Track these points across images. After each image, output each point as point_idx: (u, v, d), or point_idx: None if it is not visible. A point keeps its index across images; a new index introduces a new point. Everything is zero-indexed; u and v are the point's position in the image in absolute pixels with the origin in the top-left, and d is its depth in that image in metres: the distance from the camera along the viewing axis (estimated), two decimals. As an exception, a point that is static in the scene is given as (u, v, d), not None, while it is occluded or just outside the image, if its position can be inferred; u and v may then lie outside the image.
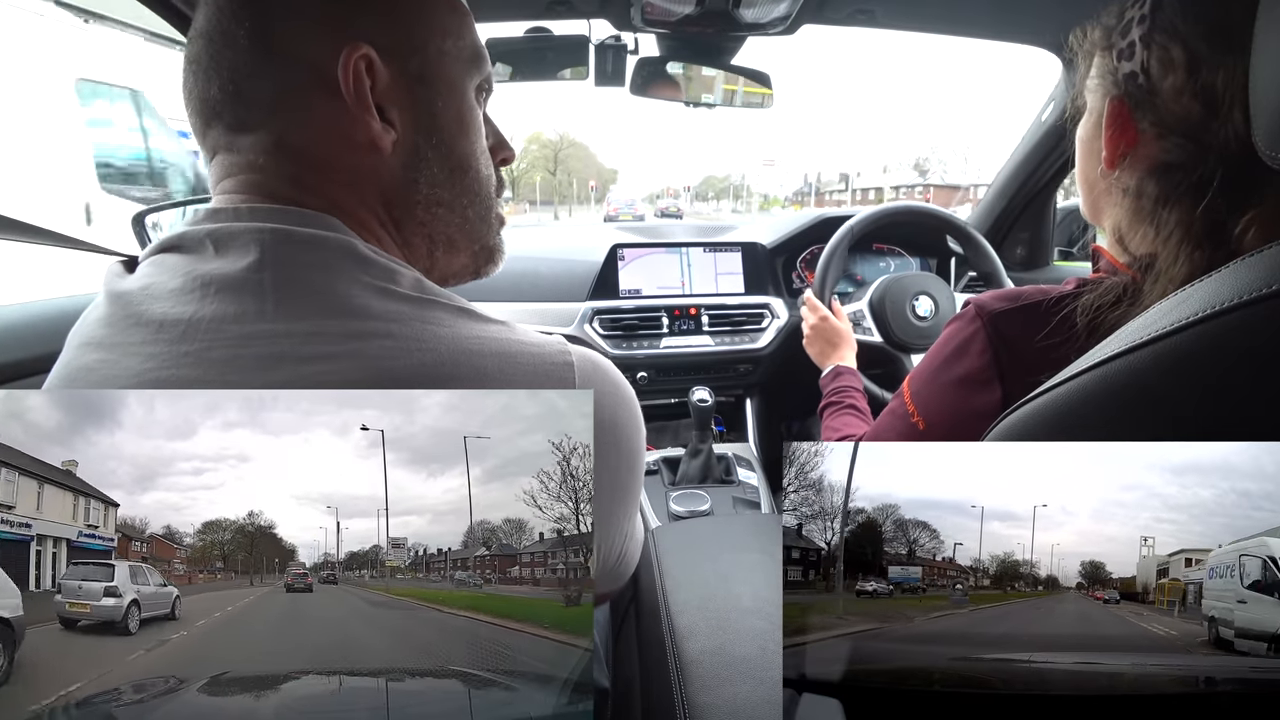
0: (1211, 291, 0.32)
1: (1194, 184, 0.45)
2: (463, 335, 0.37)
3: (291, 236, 0.37)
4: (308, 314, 0.35)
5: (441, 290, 0.39)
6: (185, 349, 0.34)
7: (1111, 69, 0.51)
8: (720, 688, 0.58)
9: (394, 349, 0.35)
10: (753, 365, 1.41)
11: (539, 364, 0.39)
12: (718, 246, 1.49)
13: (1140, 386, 0.33)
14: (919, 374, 0.65)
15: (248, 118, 0.40)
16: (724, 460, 1.24)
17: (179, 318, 0.35)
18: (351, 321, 0.35)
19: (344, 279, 0.36)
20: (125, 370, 0.35)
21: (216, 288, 0.35)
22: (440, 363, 0.36)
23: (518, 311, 1.37)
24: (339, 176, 0.41)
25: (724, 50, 1.27)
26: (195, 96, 0.41)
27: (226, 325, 0.34)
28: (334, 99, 0.39)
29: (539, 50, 1.18)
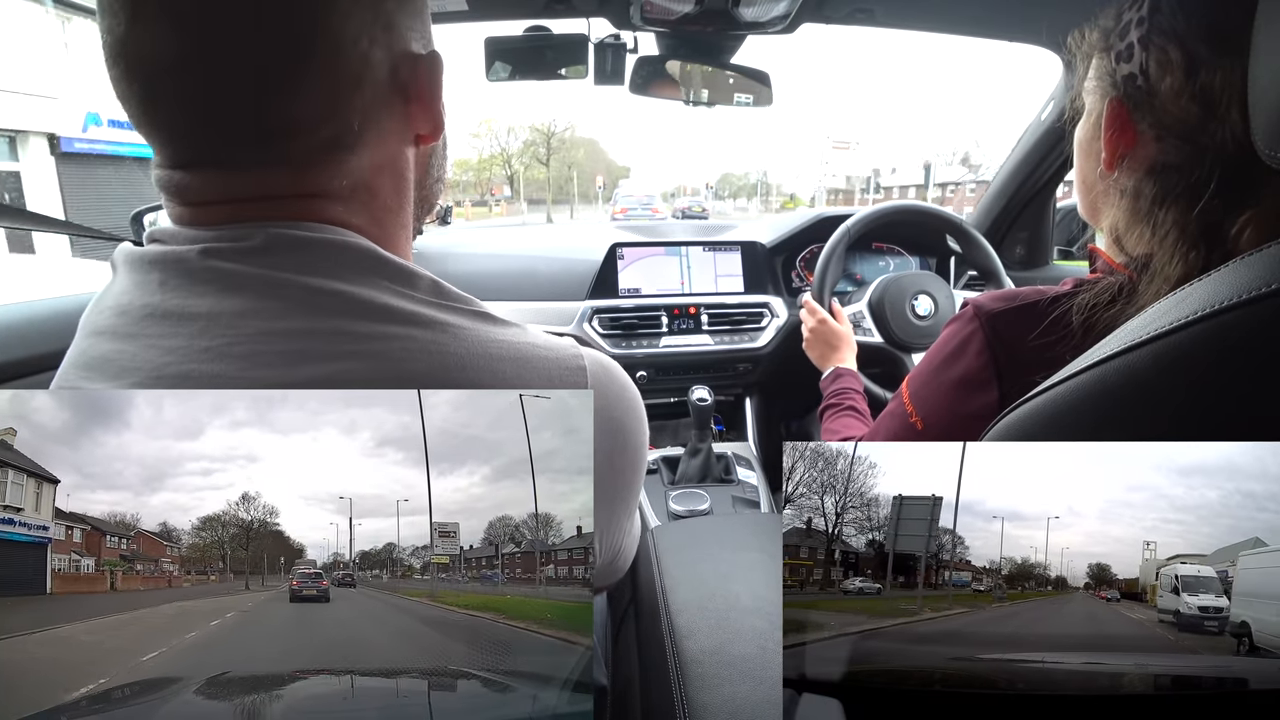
0: (1210, 291, 0.32)
1: (1191, 185, 0.46)
2: (481, 339, 0.37)
3: (306, 240, 0.36)
4: (330, 313, 0.35)
5: (458, 294, 0.40)
6: (206, 344, 0.34)
7: (1110, 70, 0.51)
8: (720, 687, 0.58)
9: (415, 350, 0.35)
10: (752, 364, 1.41)
11: (553, 367, 0.39)
12: (717, 246, 1.50)
13: (1139, 385, 0.33)
14: (917, 374, 0.65)
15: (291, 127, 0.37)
16: (724, 459, 1.24)
17: (197, 311, 0.35)
18: (374, 323, 0.35)
19: (365, 281, 0.36)
20: (146, 363, 0.35)
21: (236, 282, 0.35)
22: (461, 366, 0.36)
23: (518, 311, 1.37)
24: (390, 177, 0.41)
25: (723, 49, 1.27)
26: (200, 102, 0.36)
27: (247, 320, 0.34)
28: (405, 102, 0.40)
29: (538, 49, 1.18)
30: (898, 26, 1.25)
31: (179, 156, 0.37)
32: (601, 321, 1.36)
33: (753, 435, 1.42)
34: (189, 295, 0.35)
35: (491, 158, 40.58)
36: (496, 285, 1.43)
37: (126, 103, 0.36)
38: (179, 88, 0.34)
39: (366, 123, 0.38)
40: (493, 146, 40.03)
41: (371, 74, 0.37)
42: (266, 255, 0.35)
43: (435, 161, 0.47)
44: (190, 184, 0.37)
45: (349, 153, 0.38)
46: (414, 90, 0.40)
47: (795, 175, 65.83)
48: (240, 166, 0.37)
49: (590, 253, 1.45)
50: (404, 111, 0.40)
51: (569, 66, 1.20)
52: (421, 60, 0.40)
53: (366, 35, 0.36)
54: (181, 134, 0.37)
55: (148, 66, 0.34)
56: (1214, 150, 0.44)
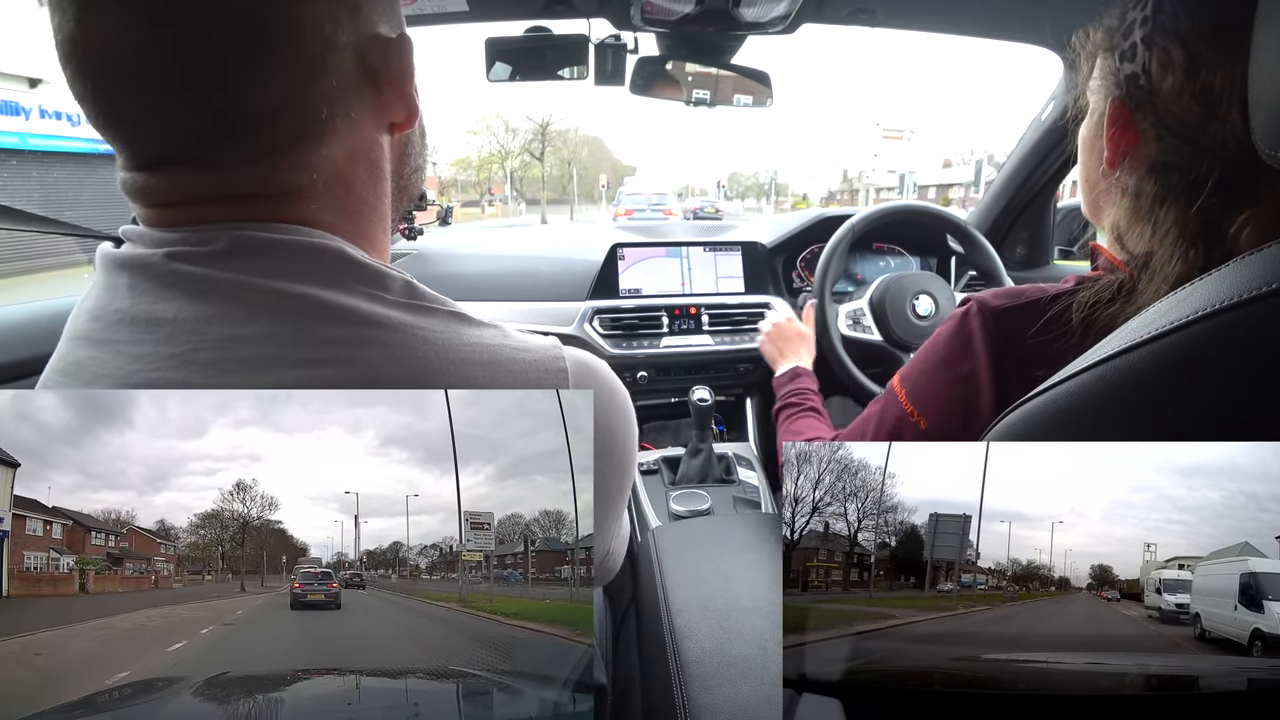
0: (1211, 290, 0.32)
1: (1191, 184, 0.46)
2: (454, 343, 0.36)
3: (273, 243, 0.36)
4: (296, 318, 0.34)
5: (433, 294, 0.39)
6: (171, 351, 0.34)
7: (1114, 70, 0.51)
8: (720, 687, 0.58)
9: (383, 356, 0.34)
10: (753, 365, 1.41)
11: (531, 370, 0.38)
12: (717, 246, 1.50)
13: (1140, 385, 0.33)
14: (915, 372, 0.65)
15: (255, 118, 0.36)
16: (724, 460, 1.24)
17: (164, 317, 0.34)
18: (341, 327, 0.34)
19: (334, 283, 0.35)
20: (114, 370, 0.35)
21: (202, 287, 0.34)
22: (430, 371, 0.35)
23: (518, 311, 1.37)
24: (365, 167, 0.40)
25: (724, 49, 1.27)
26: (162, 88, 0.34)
27: (212, 326, 0.34)
28: (376, 88, 0.38)
29: (538, 49, 1.18)
30: (899, 27, 1.25)
31: (139, 157, 0.36)
32: (602, 322, 1.36)
33: (753, 436, 1.41)
34: (155, 300, 0.35)
35: (491, 156, 40.17)
36: (497, 286, 1.43)
37: (83, 102, 0.35)
38: (133, 84, 0.33)
39: (336, 110, 0.37)
40: (493, 145, 39.64)
41: (338, 59, 0.36)
42: (232, 259, 0.35)
43: (412, 150, 0.45)
44: (153, 185, 0.36)
45: (318, 143, 0.37)
46: (385, 76, 0.39)
47: (809, 175, 62.77)
48: (203, 164, 0.35)
49: (591, 253, 1.45)
50: (376, 98, 0.39)
51: (570, 67, 1.20)
52: (391, 44, 0.39)
53: (330, 19, 0.35)
54: (139, 133, 0.35)
55: (98, 63, 0.33)
56: (1214, 150, 0.44)
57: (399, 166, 0.44)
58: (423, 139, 0.46)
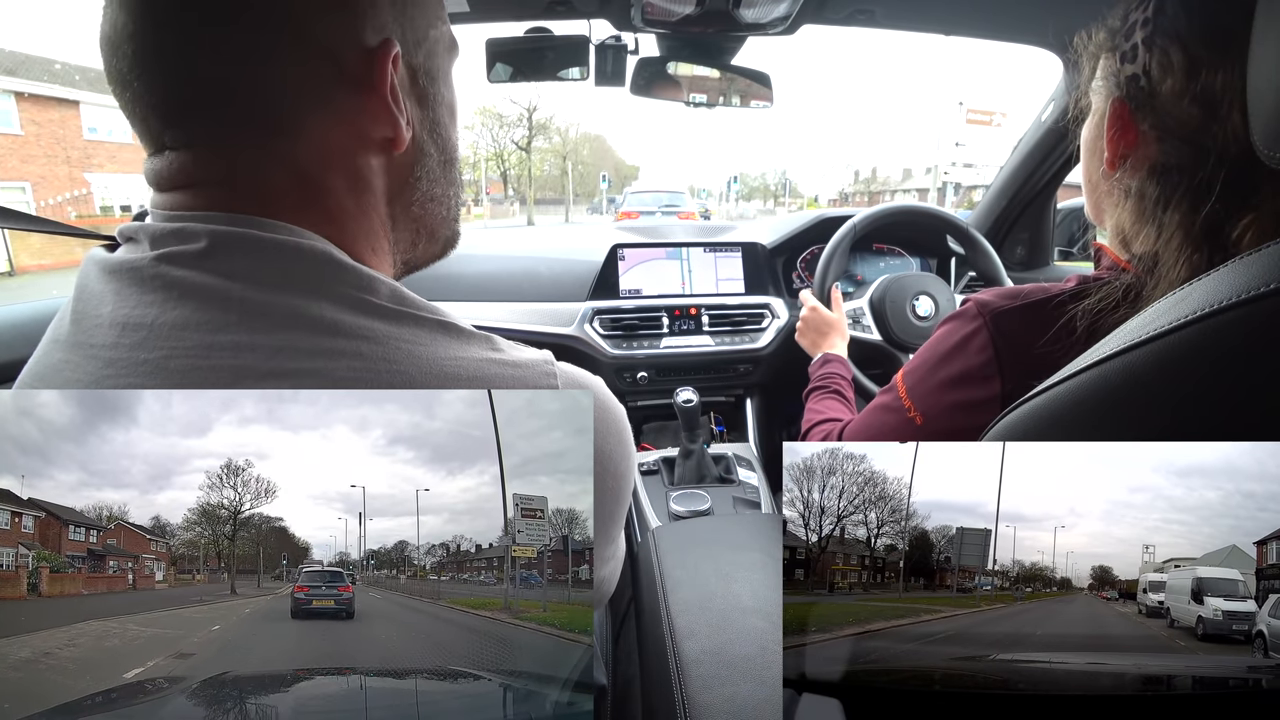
0: (1210, 290, 0.32)
1: (1192, 187, 0.46)
2: (439, 356, 0.35)
3: (256, 241, 0.35)
4: (276, 326, 0.33)
5: (421, 302, 0.38)
6: (145, 356, 0.33)
7: (1115, 71, 0.51)
8: (720, 687, 0.58)
9: (362, 369, 0.33)
10: (753, 365, 1.41)
11: (518, 386, 0.37)
12: (718, 247, 1.50)
13: (1139, 385, 0.33)
14: (915, 369, 0.65)
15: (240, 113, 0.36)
16: (724, 460, 1.24)
17: (140, 321, 0.34)
18: (321, 338, 0.33)
19: (318, 289, 0.34)
20: (86, 375, 0.34)
21: (181, 291, 0.34)
22: (410, 385, 0.34)
23: (518, 312, 1.37)
24: (344, 176, 0.39)
25: (724, 50, 1.27)
26: (156, 84, 0.35)
27: (189, 333, 0.33)
28: (354, 93, 0.37)
29: (539, 50, 1.18)
30: (898, 28, 1.25)
31: (147, 142, 0.37)
32: (602, 322, 1.36)
33: (753, 436, 1.41)
34: (137, 304, 0.34)
35: (489, 156, 39.80)
36: (497, 286, 1.44)
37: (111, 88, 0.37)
38: (129, 65, 0.35)
39: (304, 103, 0.36)
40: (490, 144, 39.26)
41: (305, 51, 0.35)
42: (212, 259, 0.34)
43: (424, 177, 0.43)
44: (148, 169, 0.37)
45: (286, 139, 0.36)
46: (367, 81, 0.37)
47: (820, 175, 61.13)
48: (178, 144, 0.36)
49: (591, 254, 1.45)
50: (355, 102, 0.37)
51: (570, 68, 1.20)
52: (375, 51, 0.37)
53: (302, 7, 0.35)
54: (137, 116, 0.37)
55: (110, 52, 0.35)
56: (1215, 152, 0.44)
57: (401, 190, 0.42)
58: (445, 170, 0.45)
